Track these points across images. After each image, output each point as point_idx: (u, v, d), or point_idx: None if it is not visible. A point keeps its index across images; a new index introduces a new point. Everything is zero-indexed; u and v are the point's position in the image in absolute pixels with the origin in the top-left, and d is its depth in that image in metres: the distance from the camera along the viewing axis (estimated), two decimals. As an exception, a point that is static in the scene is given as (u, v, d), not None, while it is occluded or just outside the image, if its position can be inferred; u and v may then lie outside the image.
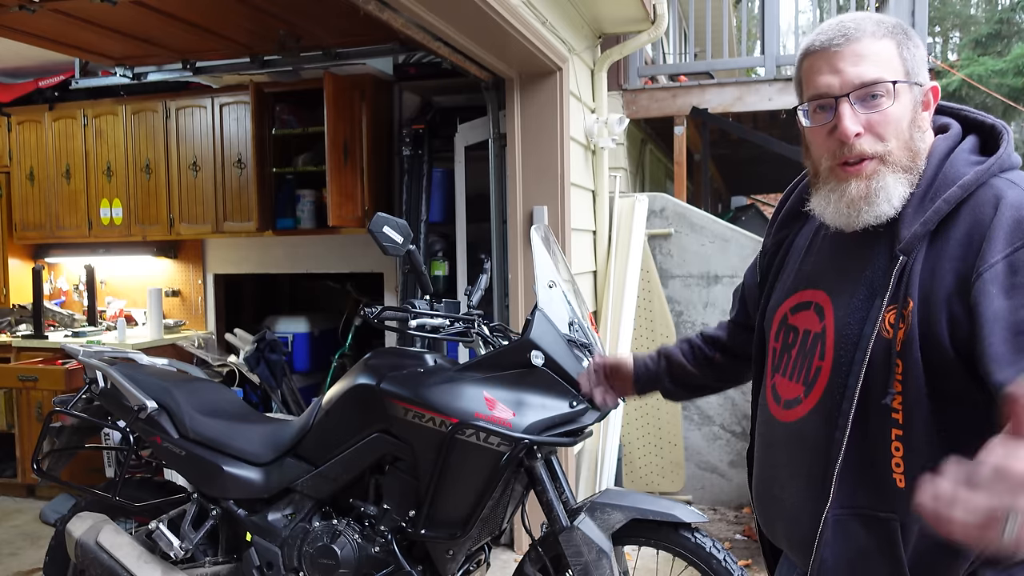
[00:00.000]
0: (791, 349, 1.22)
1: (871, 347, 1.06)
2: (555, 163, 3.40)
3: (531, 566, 2.15)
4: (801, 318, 1.21)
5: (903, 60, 1.11)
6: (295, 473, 2.30)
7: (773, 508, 1.25)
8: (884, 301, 1.06)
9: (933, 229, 1.06)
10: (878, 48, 1.10)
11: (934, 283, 1.03)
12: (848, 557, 1.10)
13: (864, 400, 1.07)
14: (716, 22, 7.41)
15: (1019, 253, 0.97)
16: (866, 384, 1.07)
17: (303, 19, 3.60)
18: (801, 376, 1.18)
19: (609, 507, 2.02)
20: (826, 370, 1.14)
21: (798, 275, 1.26)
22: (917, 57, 1.12)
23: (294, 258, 4.86)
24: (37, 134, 4.95)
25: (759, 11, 5.29)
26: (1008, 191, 1.02)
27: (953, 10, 19.22)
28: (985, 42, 15.57)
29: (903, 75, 1.10)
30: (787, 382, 1.21)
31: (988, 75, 13.36)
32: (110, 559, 2.29)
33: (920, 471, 1.00)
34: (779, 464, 1.22)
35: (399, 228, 2.05)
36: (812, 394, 1.16)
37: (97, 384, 2.51)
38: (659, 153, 6.52)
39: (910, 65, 1.11)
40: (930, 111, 1.15)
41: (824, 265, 1.21)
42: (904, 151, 1.10)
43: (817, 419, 1.14)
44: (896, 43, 1.11)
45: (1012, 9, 16.69)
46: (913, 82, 1.11)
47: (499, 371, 2.05)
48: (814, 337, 1.17)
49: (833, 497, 1.10)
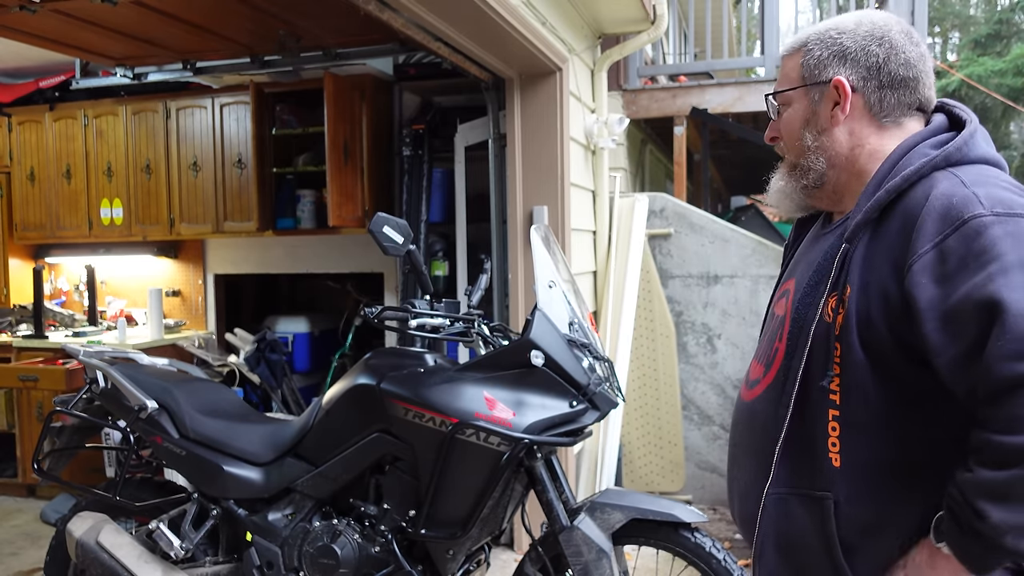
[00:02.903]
0: (763, 335, 1.33)
1: (813, 330, 1.12)
2: (555, 163, 3.40)
3: (531, 566, 2.15)
4: (778, 305, 1.30)
5: (802, 68, 1.21)
6: (295, 473, 2.30)
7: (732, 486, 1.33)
8: (827, 287, 1.12)
9: (876, 218, 1.10)
10: (785, 64, 1.25)
11: (871, 271, 1.07)
12: (786, 534, 1.15)
13: (806, 382, 1.13)
14: (716, 22, 7.41)
15: (947, 241, 1.00)
16: (808, 366, 1.12)
17: (303, 19, 3.60)
18: (764, 358, 1.26)
19: (609, 507, 2.02)
20: (780, 352, 1.20)
21: (787, 268, 1.36)
22: (823, 59, 1.19)
23: (294, 258, 4.86)
24: (37, 134, 4.95)
25: (759, 11, 5.29)
26: (942, 182, 1.05)
27: (953, 10, 19.21)
28: (985, 42, 15.56)
29: (800, 81, 1.21)
30: (755, 363, 1.30)
31: (988, 75, 13.35)
32: (110, 559, 2.29)
33: (855, 451, 1.08)
34: (738, 442, 1.30)
35: (399, 228, 2.05)
36: (768, 375, 1.23)
37: (97, 384, 2.52)
38: (659, 153, 6.52)
39: (808, 71, 1.20)
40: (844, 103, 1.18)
41: (800, 256, 1.32)
42: (793, 150, 1.24)
43: (768, 399, 1.21)
44: (801, 54, 1.22)
45: (1012, 9, 16.69)
46: (810, 83, 1.20)
47: (499, 371, 2.06)
48: (778, 321, 1.25)
49: (774, 475, 1.16)
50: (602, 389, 2.07)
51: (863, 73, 1.17)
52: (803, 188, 1.24)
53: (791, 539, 1.16)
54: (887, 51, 1.16)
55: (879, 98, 1.17)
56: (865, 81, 1.17)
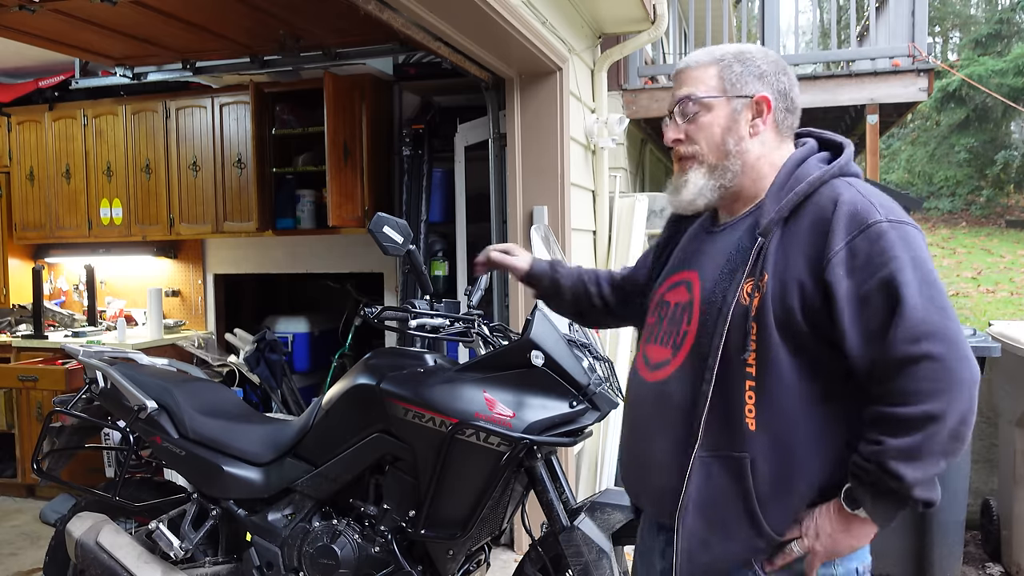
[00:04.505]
0: (663, 321, 1.44)
1: (731, 313, 1.27)
2: (555, 163, 3.40)
3: (531, 566, 2.15)
4: (672, 294, 1.45)
5: (722, 80, 1.37)
6: (295, 473, 2.30)
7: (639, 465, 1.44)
8: (743, 274, 1.28)
9: (786, 216, 1.28)
10: (698, 73, 1.39)
11: (787, 263, 1.25)
12: (709, 493, 1.29)
13: (724, 357, 1.28)
14: (716, 22, 7.40)
15: (855, 241, 1.20)
16: (726, 344, 1.27)
17: (303, 19, 3.59)
18: (669, 341, 1.40)
19: (609, 507, 2.02)
20: (692, 334, 1.35)
21: (674, 262, 1.51)
22: (743, 75, 1.37)
23: (294, 258, 4.85)
24: (37, 134, 4.95)
25: (759, 11, 5.29)
26: (844, 191, 1.26)
27: (953, 10, 19.21)
28: (985, 42, 15.57)
29: (719, 91, 1.37)
30: (657, 347, 1.43)
31: (988, 75, 13.35)
32: (110, 559, 2.29)
33: (767, 415, 1.25)
34: (647, 420, 1.41)
35: (399, 228, 2.05)
36: (679, 355, 1.37)
37: (97, 384, 2.51)
38: (659, 153, 6.51)
39: (729, 83, 1.37)
40: (764, 117, 1.37)
41: (694, 251, 1.46)
42: (714, 152, 1.37)
43: (682, 376, 1.34)
44: (719, 67, 1.38)
45: (1012, 9, 16.69)
46: (733, 95, 1.36)
47: (499, 371, 2.05)
48: (682, 308, 1.40)
49: (700, 442, 1.29)
50: (602, 389, 2.06)
51: (775, 95, 1.37)
52: (719, 188, 1.39)
53: (714, 498, 1.29)
54: (790, 81, 1.39)
55: (783, 118, 1.39)
56: (776, 102, 1.37)
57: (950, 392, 1.13)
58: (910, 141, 17.29)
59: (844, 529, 1.23)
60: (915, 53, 4.51)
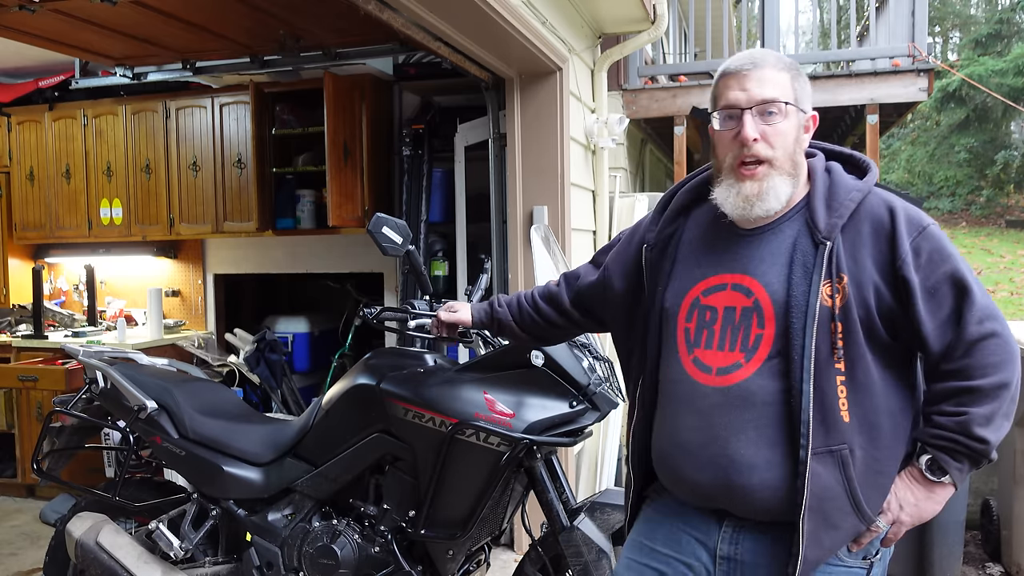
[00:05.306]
0: (711, 325, 1.43)
1: (817, 314, 1.33)
2: (555, 163, 3.40)
3: (531, 566, 2.15)
4: (717, 298, 1.43)
5: (794, 89, 1.41)
6: (295, 473, 2.30)
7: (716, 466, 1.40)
8: (819, 277, 1.34)
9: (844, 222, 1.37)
10: (777, 77, 1.41)
11: (857, 265, 1.35)
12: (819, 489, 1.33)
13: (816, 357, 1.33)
14: (716, 22, 7.40)
15: (917, 241, 1.34)
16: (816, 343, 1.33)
17: (303, 19, 3.59)
18: (737, 345, 1.40)
19: (609, 507, 2.02)
20: (769, 337, 1.37)
21: (702, 263, 1.48)
22: (805, 90, 1.44)
23: (294, 258, 4.85)
24: (37, 134, 4.95)
25: (759, 11, 5.29)
26: (890, 199, 1.39)
27: (953, 10, 19.21)
28: (985, 42, 15.57)
29: (793, 101, 1.41)
30: (716, 353, 1.42)
31: (988, 75, 13.35)
32: (110, 559, 2.29)
33: (858, 406, 1.33)
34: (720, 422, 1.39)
35: (399, 228, 2.05)
36: (754, 358, 1.38)
37: (97, 384, 2.51)
38: (659, 153, 6.51)
39: (799, 95, 1.42)
40: (809, 134, 1.46)
41: (733, 254, 1.45)
42: (787, 160, 1.41)
43: (766, 378, 1.37)
44: (791, 76, 1.42)
45: (1012, 9, 16.69)
46: (799, 108, 1.41)
47: (499, 371, 2.05)
48: (744, 311, 1.40)
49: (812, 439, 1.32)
50: (602, 389, 2.06)
51: None
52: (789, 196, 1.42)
53: (823, 493, 1.33)
54: None
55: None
56: None
57: (1013, 362, 1.31)
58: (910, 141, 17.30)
59: (928, 496, 1.37)
60: (915, 53, 4.50)
